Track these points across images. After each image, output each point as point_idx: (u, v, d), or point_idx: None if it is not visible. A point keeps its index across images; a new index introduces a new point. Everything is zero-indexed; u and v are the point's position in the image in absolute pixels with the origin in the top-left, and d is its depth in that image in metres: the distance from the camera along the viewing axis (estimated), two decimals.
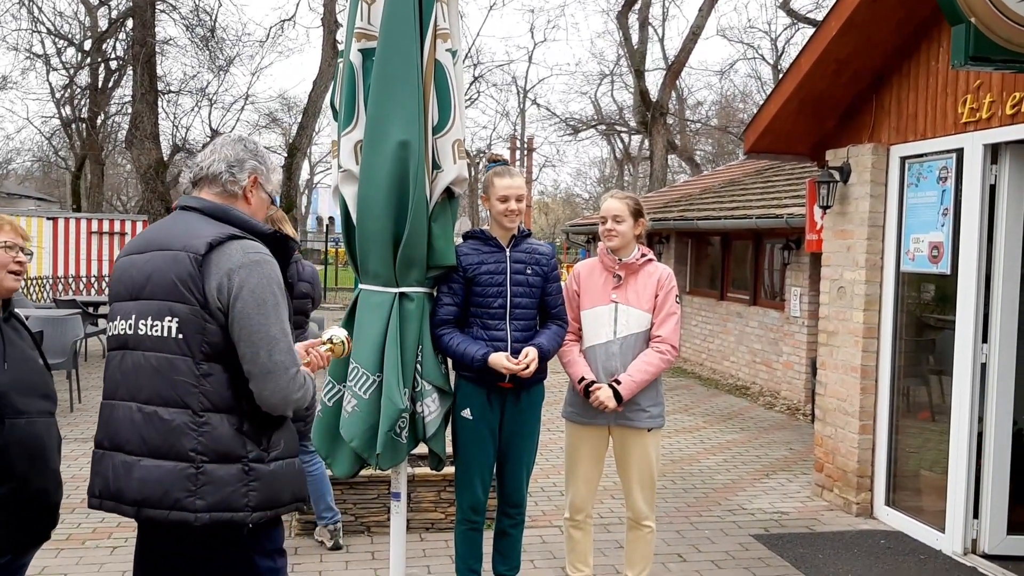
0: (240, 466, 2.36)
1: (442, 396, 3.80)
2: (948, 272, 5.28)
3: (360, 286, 3.69)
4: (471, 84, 32.26)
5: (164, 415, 2.34)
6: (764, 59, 31.76)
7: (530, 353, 3.75)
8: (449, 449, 3.95)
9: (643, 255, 4.07)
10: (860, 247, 5.95)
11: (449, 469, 5.22)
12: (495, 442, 3.92)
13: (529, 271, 3.91)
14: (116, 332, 2.48)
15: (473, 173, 38.10)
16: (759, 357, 11.62)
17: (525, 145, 38.82)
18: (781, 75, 6.33)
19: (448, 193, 3.70)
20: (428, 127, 3.61)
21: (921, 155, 5.59)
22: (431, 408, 3.72)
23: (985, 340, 5.02)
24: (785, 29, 29.87)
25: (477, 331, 3.82)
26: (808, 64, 5.91)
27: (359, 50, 3.64)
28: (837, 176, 6.20)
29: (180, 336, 2.35)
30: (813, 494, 6.37)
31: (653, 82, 26.63)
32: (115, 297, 2.53)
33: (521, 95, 36.92)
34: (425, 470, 5.09)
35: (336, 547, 4.96)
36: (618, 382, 3.88)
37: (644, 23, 24.81)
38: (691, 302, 14.26)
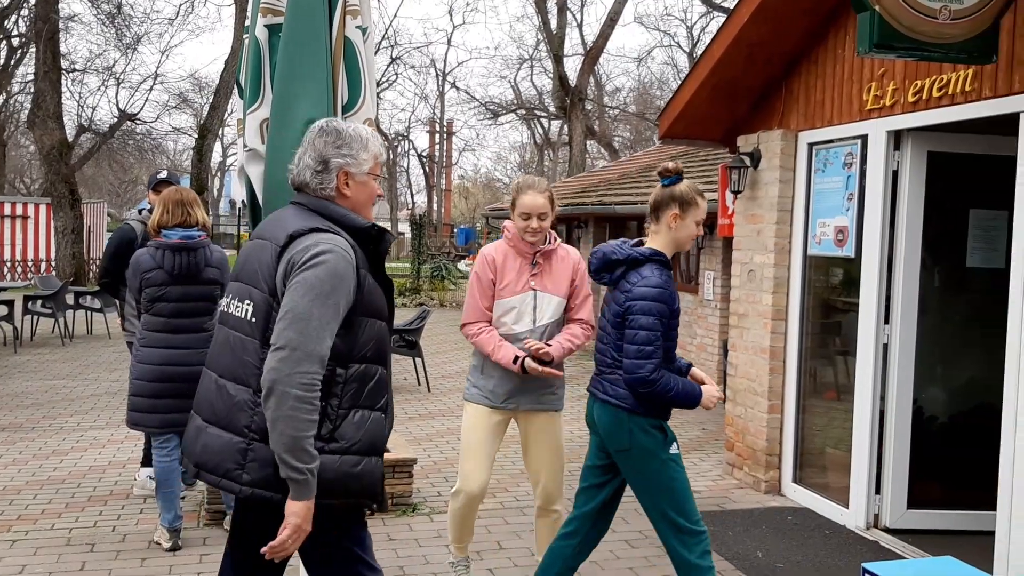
0: None
1: None
2: (853, 255, 5.43)
3: None
4: (388, 66, 31.88)
5: (231, 390, 2.44)
6: (680, 47, 32.26)
7: (698, 371, 3.68)
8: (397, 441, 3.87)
9: (555, 238, 4.03)
10: (769, 231, 6.07)
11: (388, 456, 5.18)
12: None
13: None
14: (220, 308, 2.63)
15: (392, 156, 37.73)
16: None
17: (444, 129, 38.61)
18: (695, 61, 6.39)
19: None
20: (338, 106, 3.53)
21: (828, 141, 5.72)
22: None
23: (887, 321, 5.17)
24: (701, 17, 30.32)
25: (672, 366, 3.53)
26: (721, 50, 5.98)
27: (265, 26, 3.53)
28: (748, 162, 6.30)
29: (253, 319, 2.44)
30: (724, 473, 6.50)
31: (572, 67, 26.78)
32: (230, 276, 2.69)
33: (440, 78, 36.72)
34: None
35: None
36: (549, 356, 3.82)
37: (562, 8, 24.87)
38: None
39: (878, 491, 5.21)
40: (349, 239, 2.47)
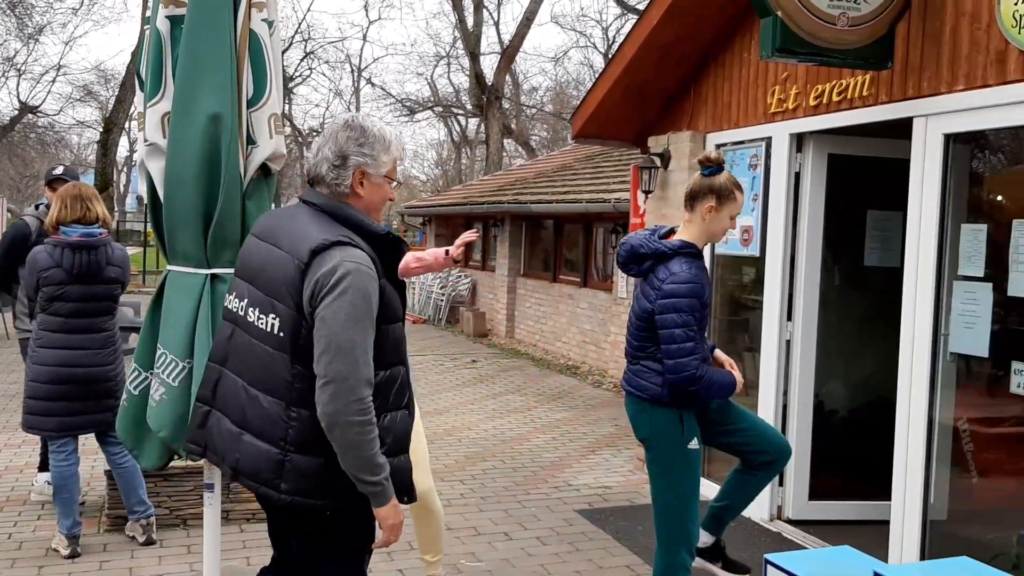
0: (321, 460, 2.41)
1: None
2: (758, 255, 5.57)
3: (168, 267, 3.49)
4: (302, 60, 31.39)
5: (264, 402, 2.46)
6: (596, 48, 32.60)
7: (721, 353, 3.64)
8: None
9: None
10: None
11: None
12: None
13: None
14: (230, 307, 2.61)
15: (305, 152, 37.12)
16: (589, 337, 11.94)
17: None
18: (607, 61, 6.47)
19: (264, 170, 3.54)
20: (242, 100, 3.44)
21: (734, 143, 5.86)
22: None
23: (790, 318, 5.33)
24: (616, 19, 30.68)
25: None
26: (632, 51, 6.07)
27: (167, 16, 3.42)
28: (658, 162, 6.41)
29: (281, 334, 2.43)
30: (635, 468, 6.60)
31: (489, 66, 26.81)
32: (237, 272, 2.66)
33: (356, 74, 36.27)
34: None
35: (149, 542, 4.72)
36: None
37: (479, 6, 24.87)
38: (525, 284, 14.47)
39: (781, 483, 5.36)
40: (367, 248, 2.46)
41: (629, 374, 3.55)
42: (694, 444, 3.46)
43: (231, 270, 3.46)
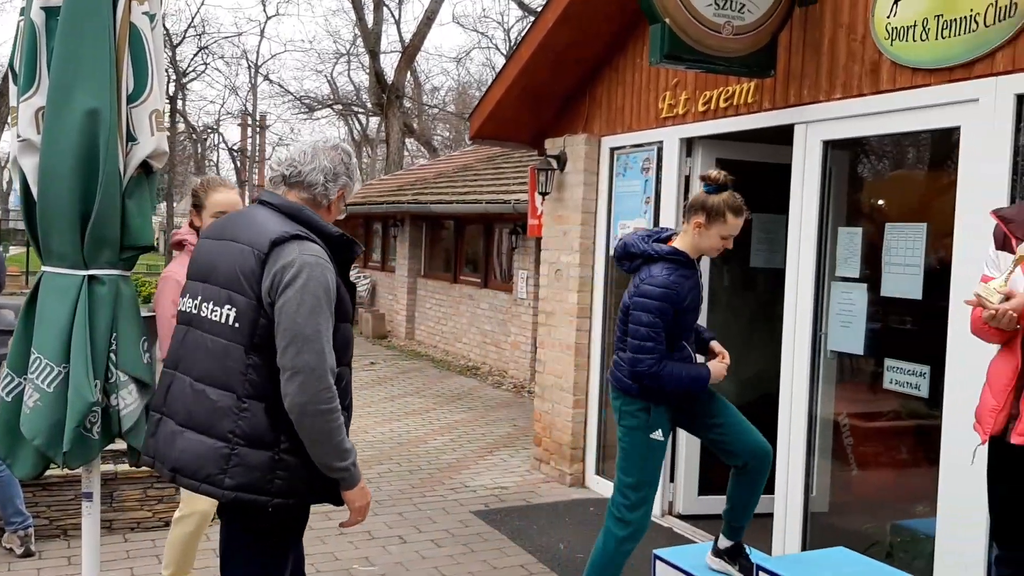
0: (269, 454, 2.42)
1: (141, 388, 3.52)
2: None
3: (43, 268, 3.34)
4: (195, 55, 30.54)
5: (212, 395, 2.45)
6: (499, 49, 32.69)
7: (726, 353, 3.71)
8: None
9: None
10: (575, 232, 6.26)
11: None
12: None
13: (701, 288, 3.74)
14: (184, 309, 2.64)
15: (200, 149, 36.13)
16: (489, 338, 11.97)
17: (257, 122, 37.40)
18: (504, 63, 6.51)
19: (145, 168, 3.42)
20: (122, 95, 3.32)
21: (628, 147, 5.97)
22: (128, 401, 3.42)
23: None
24: (518, 21, 30.84)
25: (677, 355, 3.60)
26: (528, 53, 6.11)
27: (42, 8, 3.28)
28: (554, 164, 6.48)
29: (236, 325, 2.45)
30: (532, 468, 6.66)
31: (389, 64, 26.59)
32: (189, 276, 2.68)
33: (252, 70, 35.46)
34: (128, 467, 4.74)
35: (27, 554, 4.51)
36: None
37: (379, 4, 24.64)
38: (425, 285, 14.41)
39: (672, 479, 5.49)
40: (323, 246, 2.53)
41: (612, 365, 3.75)
42: (657, 435, 3.63)
43: (110, 271, 3.35)
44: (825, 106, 4.40)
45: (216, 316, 2.49)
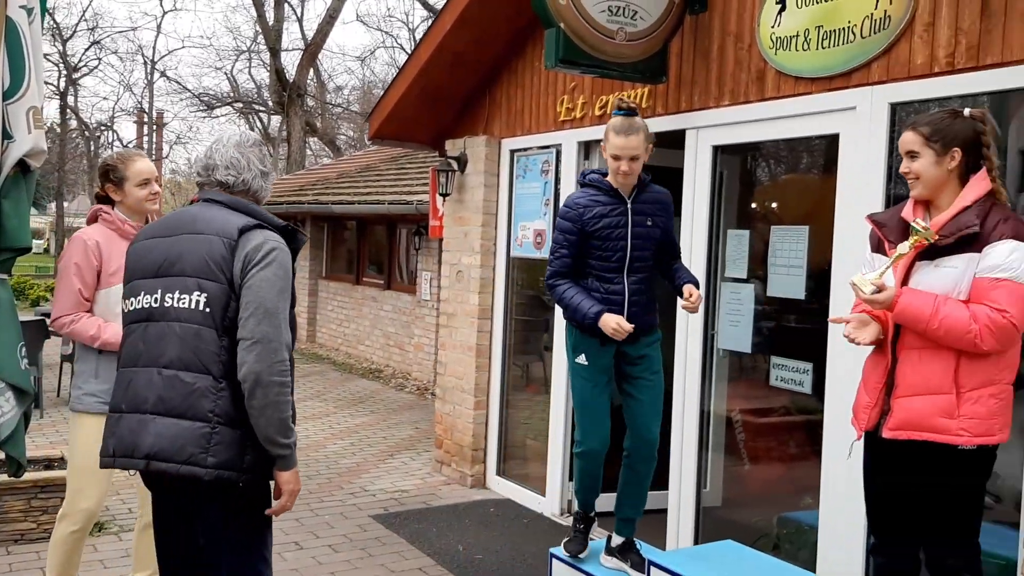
0: (241, 431, 2.52)
1: (19, 396, 3.38)
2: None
3: None
4: (87, 50, 29.42)
5: (186, 378, 2.52)
6: (403, 48, 32.43)
7: (694, 293, 3.65)
8: (35, 452, 3.54)
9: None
10: (476, 233, 6.28)
11: (38, 474, 4.73)
12: (609, 382, 3.85)
13: (650, 223, 3.72)
14: (139, 307, 2.66)
15: (93, 147, 34.82)
16: (392, 340, 11.88)
17: (154, 120, 36.26)
18: (403, 63, 6.47)
19: (22, 166, 3.29)
20: None
21: (527, 149, 6.02)
22: (4, 409, 3.29)
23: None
24: (423, 21, 30.68)
25: (592, 283, 3.71)
26: (427, 54, 6.10)
27: (20, 7, 3.16)
28: (455, 165, 6.48)
29: (207, 309, 2.54)
30: (433, 470, 6.64)
31: (291, 62, 26.12)
32: (135, 276, 2.71)
33: (149, 66, 34.34)
34: (8, 477, 4.54)
35: None
36: None
37: (280, 1, 24.21)
38: (327, 287, 14.22)
39: (570, 478, 5.55)
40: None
41: None
42: (581, 359, 3.76)
43: None
44: (715, 112, 4.53)
45: (184, 303, 2.57)
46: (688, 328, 4.67)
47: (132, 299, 2.70)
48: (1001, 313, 2.65)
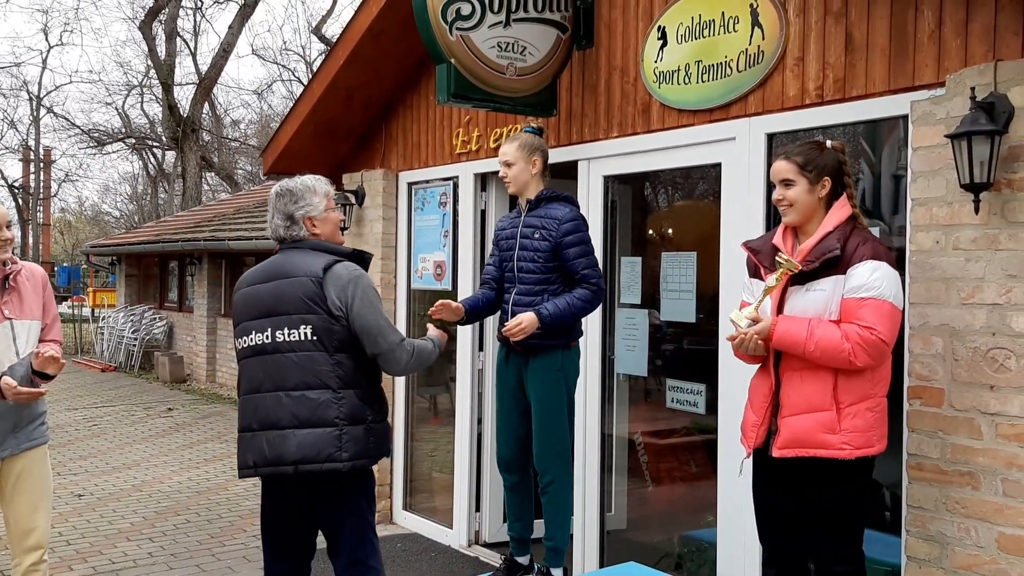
0: (364, 426, 3.13)
1: None
2: (450, 288, 5.77)
3: None
4: None
5: (311, 395, 3.08)
6: (301, 81, 32.17)
7: (522, 320, 3.85)
8: None
9: (13, 259, 3.62)
10: (375, 267, 6.26)
11: None
12: (515, 400, 4.14)
13: (537, 235, 3.87)
14: (251, 344, 3.19)
15: None
16: None
17: (41, 158, 34.95)
18: (296, 99, 6.44)
19: None
20: None
21: (425, 181, 6.05)
22: None
23: (481, 349, 5.56)
24: (320, 55, 30.52)
25: (505, 295, 4.10)
26: (320, 89, 6.08)
27: None
28: (353, 199, 6.46)
29: (315, 338, 3.10)
30: None
31: (185, 97, 25.60)
32: (245, 318, 3.24)
33: (34, 102, 33.15)
34: None
35: None
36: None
37: (172, 35, 23.75)
38: (226, 325, 13.91)
39: (478, 509, 5.56)
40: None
41: None
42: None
43: None
44: (604, 144, 4.66)
45: (294, 337, 3.11)
46: (587, 353, 4.75)
47: (244, 338, 3.21)
48: (870, 330, 2.80)
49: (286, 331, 3.11)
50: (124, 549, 5.52)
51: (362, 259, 3.30)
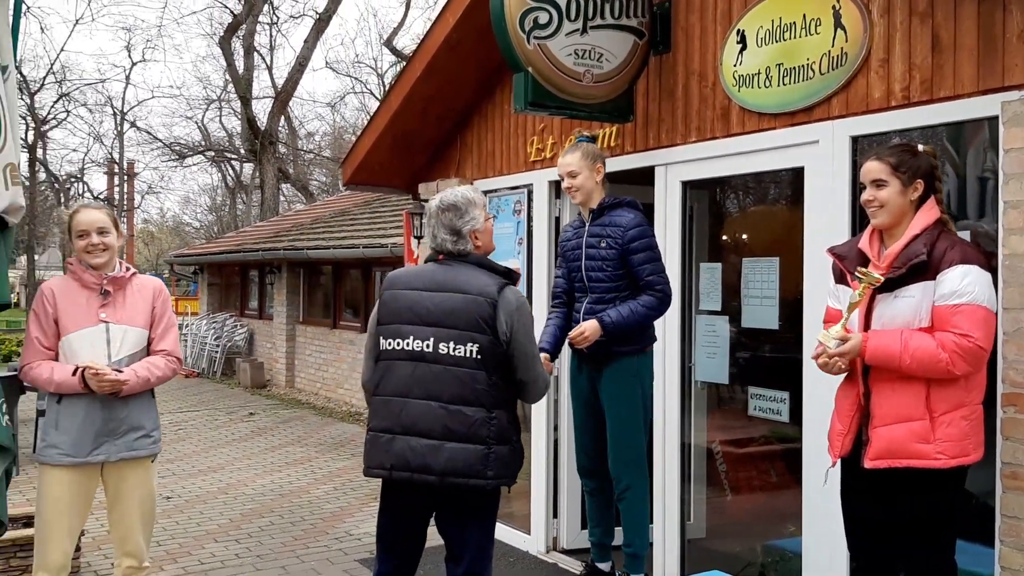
0: (510, 447, 3.22)
1: (1, 452, 3.38)
2: (524, 295, 5.79)
3: None
4: (56, 102, 29.40)
5: (468, 412, 3.14)
6: (373, 94, 32.72)
7: (585, 328, 3.95)
8: (13, 510, 3.51)
9: (126, 267, 3.73)
10: None
11: (18, 532, 4.68)
12: (590, 407, 4.22)
13: (603, 244, 3.95)
14: (408, 348, 3.23)
15: (63, 199, 34.67)
16: None
17: (125, 171, 36.17)
18: (374, 111, 6.56)
19: (0, 223, 3.32)
20: None
21: (499, 190, 6.09)
22: None
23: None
24: (392, 66, 30.96)
25: (576, 303, 4.20)
26: (398, 102, 6.19)
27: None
28: None
29: (479, 357, 3.16)
30: None
31: (263, 110, 26.24)
32: (400, 320, 3.27)
33: (118, 117, 34.35)
34: None
35: None
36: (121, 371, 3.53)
37: (249, 50, 24.39)
38: (304, 332, 14.20)
39: (555, 515, 5.57)
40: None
41: None
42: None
43: None
44: (681, 149, 4.63)
45: (460, 352, 3.16)
46: (665, 361, 4.72)
47: (398, 340, 3.25)
48: (966, 338, 2.74)
49: (452, 345, 3.16)
50: (212, 550, 5.67)
51: (510, 278, 3.36)
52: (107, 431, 3.55)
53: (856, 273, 2.87)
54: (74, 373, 3.45)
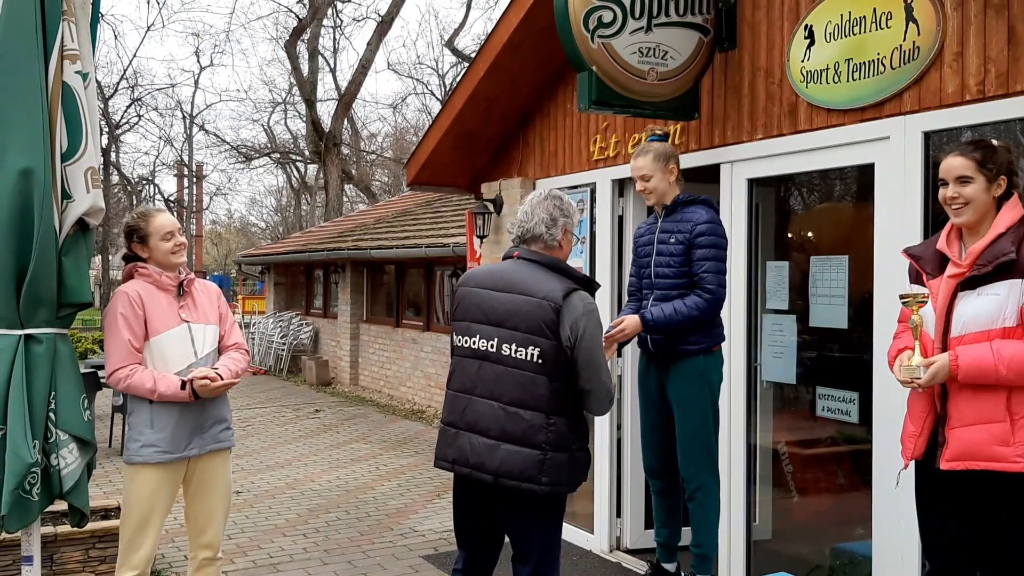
0: (568, 454, 3.17)
1: (82, 447, 3.49)
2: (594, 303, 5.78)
3: None
4: (128, 107, 30.24)
5: (525, 415, 3.14)
6: (434, 95, 32.97)
7: (625, 324, 3.97)
8: (95, 503, 3.62)
9: (184, 268, 3.81)
10: None
11: (96, 524, 4.83)
12: (657, 407, 4.21)
13: (673, 239, 3.97)
14: (474, 346, 3.26)
15: (135, 201, 35.63)
16: (433, 381, 11.96)
17: (194, 173, 37.04)
18: (438, 112, 6.62)
19: (81, 225, 3.43)
20: (56, 154, 3.34)
21: (562, 189, 6.09)
22: (68, 460, 3.41)
23: (619, 355, 5.54)
24: (452, 67, 31.16)
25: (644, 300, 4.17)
26: (461, 102, 6.24)
27: (76, 72, 3.33)
28: (491, 208, 6.58)
29: (540, 361, 3.14)
30: None
31: (326, 112, 26.64)
32: (470, 318, 3.30)
33: (187, 120, 35.19)
34: (69, 528, 4.65)
35: None
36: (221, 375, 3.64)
37: (314, 53, 24.77)
38: (368, 330, 14.38)
39: (619, 515, 5.55)
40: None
41: None
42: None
43: (48, 330, 3.34)
44: (748, 146, 4.58)
45: (521, 355, 3.15)
46: (731, 361, 4.68)
47: (467, 337, 3.29)
48: None
49: (514, 347, 3.16)
50: (280, 544, 5.79)
51: (590, 286, 3.32)
52: (198, 426, 3.67)
53: (900, 297, 2.84)
54: (183, 387, 3.55)
